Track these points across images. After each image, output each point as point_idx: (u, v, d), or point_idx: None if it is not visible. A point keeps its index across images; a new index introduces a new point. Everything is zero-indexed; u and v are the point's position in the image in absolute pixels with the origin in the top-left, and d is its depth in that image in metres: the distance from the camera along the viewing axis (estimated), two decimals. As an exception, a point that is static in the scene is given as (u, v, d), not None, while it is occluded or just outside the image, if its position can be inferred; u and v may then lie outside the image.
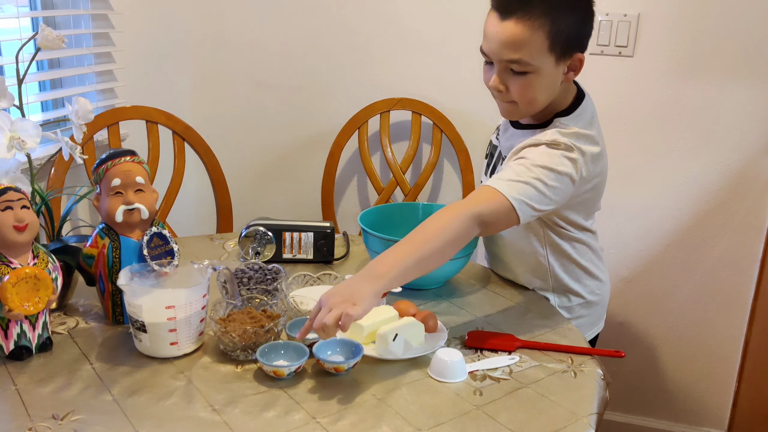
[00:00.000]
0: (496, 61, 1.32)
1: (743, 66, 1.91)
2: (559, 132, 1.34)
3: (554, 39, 1.28)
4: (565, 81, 1.36)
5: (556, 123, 1.37)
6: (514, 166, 1.30)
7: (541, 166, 1.28)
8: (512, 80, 1.32)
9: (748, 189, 1.99)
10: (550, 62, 1.30)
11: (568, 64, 1.33)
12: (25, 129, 1.26)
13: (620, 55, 1.99)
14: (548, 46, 1.28)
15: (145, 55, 2.19)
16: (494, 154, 1.54)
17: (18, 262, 1.13)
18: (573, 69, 1.35)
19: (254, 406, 1.06)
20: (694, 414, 2.22)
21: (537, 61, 1.28)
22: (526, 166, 1.29)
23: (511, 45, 1.28)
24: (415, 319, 1.24)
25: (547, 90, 1.34)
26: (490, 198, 1.25)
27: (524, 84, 1.31)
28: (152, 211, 1.26)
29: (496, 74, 1.33)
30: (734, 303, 2.09)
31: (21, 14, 1.79)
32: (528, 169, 1.28)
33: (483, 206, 1.24)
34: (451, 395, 1.10)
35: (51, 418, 1.01)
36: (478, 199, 1.26)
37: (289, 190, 2.45)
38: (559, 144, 1.31)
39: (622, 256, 2.14)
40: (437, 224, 1.23)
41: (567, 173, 1.30)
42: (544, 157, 1.30)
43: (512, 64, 1.30)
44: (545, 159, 1.30)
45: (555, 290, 1.52)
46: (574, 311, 1.54)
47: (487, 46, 1.32)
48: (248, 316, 1.20)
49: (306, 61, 2.29)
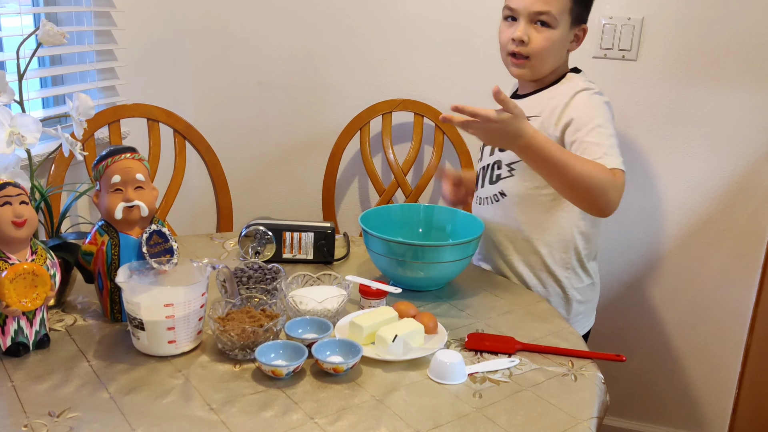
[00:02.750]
0: (524, 14, 1.47)
1: (747, 71, 1.91)
2: (579, 80, 1.52)
3: (574, 4, 1.48)
4: (570, 49, 1.54)
5: (568, 76, 1.54)
6: (595, 138, 1.41)
7: (602, 123, 1.44)
8: (534, 33, 1.48)
9: (750, 195, 1.98)
10: (566, 24, 1.49)
11: (575, 32, 1.51)
12: (25, 124, 1.25)
13: (624, 59, 1.99)
14: (570, 8, 1.48)
15: (147, 53, 2.19)
16: None
17: (16, 258, 1.13)
18: (577, 39, 1.53)
19: (252, 405, 1.05)
20: (694, 420, 2.21)
21: (560, 18, 1.47)
22: (598, 132, 1.42)
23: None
24: (415, 321, 1.23)
25: (558, 52, 1.51)
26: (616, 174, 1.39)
27: (546, 37, 1.47)
28: (152, 209, 1.26)
29: (523, 25, 1.48)
30: (735, 309, 2.08)
31: (23, 11, 1.79)
32: (601, 134, 1.42)
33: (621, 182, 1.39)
34: (451, 397, 1.10)
35: (47, 415, 1.00)
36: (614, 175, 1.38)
37: (290, 190, 2.44)
38: (591, 87, 1.49)
39: (623, 260, 2.14)
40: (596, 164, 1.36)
41: (612, 117, 1.48)
42: (596, 109, 1.46)
43: (540, 16, 1.46)
44: (597, 111, 1.46)
45: (572, 267, 1.57)
46: (585, 293, 1.60)
47: (516, 2, 1.48)
48: (247, 316, 1.20)
49: (308, 61, 2.29)
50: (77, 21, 1.98)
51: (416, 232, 1.63)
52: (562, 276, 1.58)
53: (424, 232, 1.63)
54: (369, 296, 1.34)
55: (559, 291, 1.59)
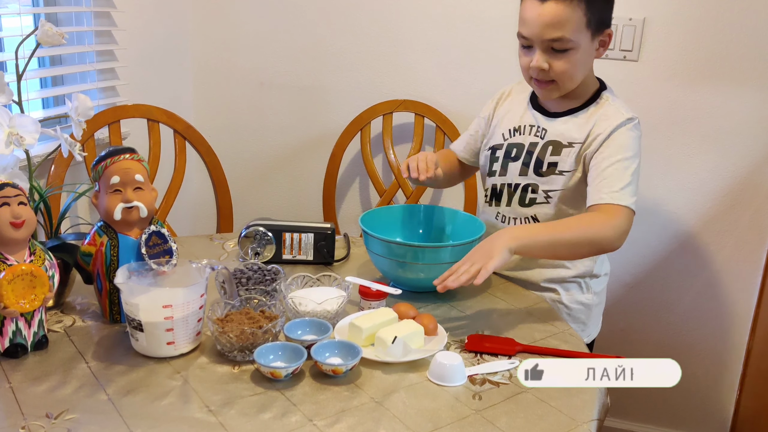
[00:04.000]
0: (538, 42, 1.41)
1: (749, 71, 1.90)
2: (619, 105, 1.49)
3: (591, 15, 1.39)
4: (597, 56, 1.47)
5: (604, 97, 1.51)
6: (615, 172, 1.41)
7: (630, 157, 1.43)
8: (554, 59, 1.42)
9: (752, 195, 1.98)
10: (587, 38, 1.41)
11: (600, 39, 1.44)
12: (23, 125, 1.25)
13: (625, 59, 1.98)
14: (586, 22, 1.39)
15: (147, 53, 2.19)
16: (531, 151, 1.54)
17: (14, 259, 1.12)
18: (603, 45, 1.46)
19: (251, 407, 1.05)
20: (696, 421, 2.20)
21: (577, 37, 1.39)
22: (622, 166, 1.41)
23: (554, 24, 1.38)
24: (415, 322, 1.23)
25: (584, 65, 1.46)
26: (618, 213, 1.38)
27: (566, 61, 1.42)
28: (151, 210, 1.25)
29: (539, 54, 1.42)
30: (737, 309, 2.08)
31: (23, 11, 1.78)
32: (625, 169, 1.41)
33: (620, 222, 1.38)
34: (450, 399, 1.09)
35: (45, 416, 1.00)
36: (611, 216, 1.38)
37: (290, 190, 2.44)
38: (634, 118, 1.46)
39: (625, 261, 2.13)
40: (580, 221, 1.40)
41: (640, 151, 1.47)
42: (629, 143, 1.44)
43: (554, 42, 1.39)
44: (630, 146, 1.44)
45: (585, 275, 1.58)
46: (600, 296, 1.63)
47: (527, 30, 1.41)
48: (246, 317, 1.19)
49: (309, 62, 2.29)
50: (77, 21, 1.98)
51: (416, 233, 1.62)
52: (575, 289, 1.59)
53: (424, 233, 1.63)
54: (369, 297, 1.33)
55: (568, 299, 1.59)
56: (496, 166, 1.59)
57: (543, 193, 1.52)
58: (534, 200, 1.53)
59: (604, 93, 1.51)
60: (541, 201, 1.53)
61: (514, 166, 1.56)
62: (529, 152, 1.54)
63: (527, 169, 1.54)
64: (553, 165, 1.51)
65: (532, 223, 1.53)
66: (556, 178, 1.51)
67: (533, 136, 1.55)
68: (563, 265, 1.56)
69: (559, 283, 1.57)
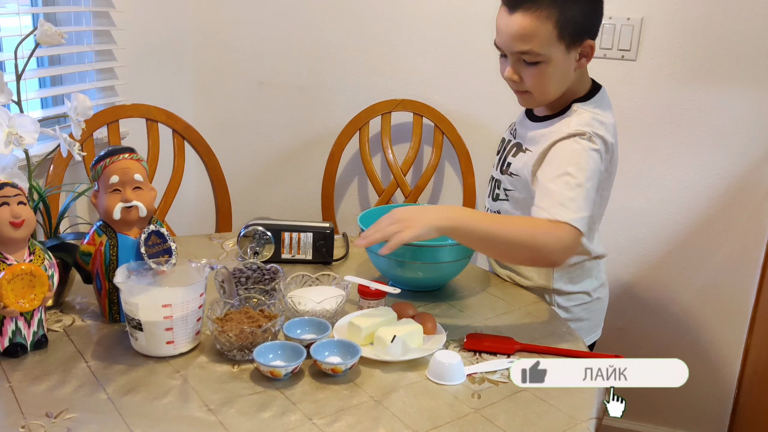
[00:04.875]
0: (508, 53, 1.37)
1: (747, 71, 1.90)
2: (578, 118, 1.37)
3: (563, 28, 1.31)
4: (578, 68, 1.39)
5: (573, 108, 1.40)
6: (557, 187, 1.29)
7: (574, 172, 1.29)
8: (525, 71, 1.36)
9: (749, 195, 1.98)
10: (560, 51, 1.33)
11: (579, 51, 1.36)
12: (23, 125, 1.25)
13: (623, 59, 1.98)
14: (557, 35, 1.31)
15: (146, 53, 2.19)
16: (505, 147, 1.54)
17: (14, 259, 1.12)
18: (585, 56, 1.37)
19: (250, 406, 1.05)
20: (694, 420, 2.21)
21: (547, 51, 1.32)
22: (564, 180, 1.29)
23: (521, 37, 1.32)
24: (414, 321, 1.23)
25: (561, 78, 1.38)
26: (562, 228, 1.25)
27: (537, 73, 1.35)
28: (150, 209, 1.25)
29: (510, 66, 1.38)
30: (734, 309, 2.08)
31: (22, 11, 1.78)
32: (566, 183, 1.29)
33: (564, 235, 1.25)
34: (449, 398, 1.10)
35: (45, 416, 1.00)
36: (557, 228, 1.25)
37: (289, 190, 2.44)
38: (583, 133, 1.33)
39: (623, 261, 2.13)
40: (526, 222, 1.30)
41: (597, 167, 1.33)
42: (573, 158, 1.32)
43: (523, 55, 1.34)
44: (574, 160, 1.31)
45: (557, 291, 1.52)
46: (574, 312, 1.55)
47: (499, 39, 1.38)
48: (245, 316, 1.20)
49: (308, 61, 2.29)
50: (76, 21, 1.98)
51: (415, 233, 1.62)
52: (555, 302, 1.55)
53: (423, 232, 1.62)
54: (368, 297, 1.34)
55: None
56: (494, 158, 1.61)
57: (503, 191, 1.51)
58: (498, 196, 1.53)
59: (576, 104, 1.40)
60: (503, 198, 1.51)
61: (495, 159, 1.58)
62: (504, 148, 1.55)
63: (499, 164, 1.54)
64: (508, 165, 1.49)
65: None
66: (509, 179, 1.48)
67: (509, 133, 1.56)
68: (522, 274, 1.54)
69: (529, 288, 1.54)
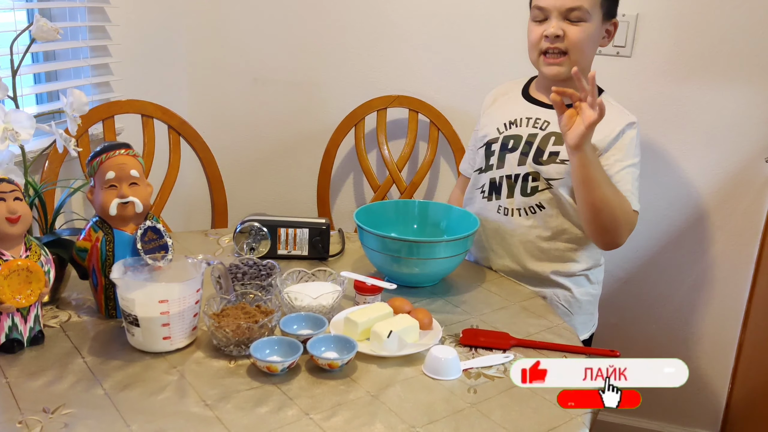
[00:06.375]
0: (555, 12, 1.48)
1: (741, 67, 1.91)
2: (622, 108, 1.57)
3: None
4: (601, 45, 1.55)
5: (605, 98, 1.45)
6: (625, 176, 1.49)
7: (636, 164, 1.52)
8: (569, 28, 1.48)
9: (744, 191, 1.99)
10: (599, 17, 1.50)
11: (606, 27, 1.53)
12: (18, 120, 1.25)
13: (618, 55, 1.99)
14: (601, 1, 1.49)
15: (141, 48, 2.18)
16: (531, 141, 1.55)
17: (10, 255, 1.12)
18: (608, 34, 1.55)
19: (247, 401, 1.05)
20: (687, 415, 2.22)
21: (592, 11, 1.48)
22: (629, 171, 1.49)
23: None
24: (410, 317, 1.23)
25: (594, 44, 1.53)
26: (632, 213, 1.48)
27: (580, 30, 1.48)
28: (146, 205, 1.25)
29: (555, 22, 1.48)
30: (729, 305, 2.09)
31: (17, 6, 1.78)
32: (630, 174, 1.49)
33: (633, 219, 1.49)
34: (445, 393, 1.10)
35: (41, 411, 1.00)
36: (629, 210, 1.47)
37: (285, 186, 2.44)
38: (634, 121, 1.53)
39: (618, 256, 2.14)
40: (620, 194, 1.45)
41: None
42: (634, 150, 1.52)
43: (571, 12, 1.47)
44: (636, 152, 1.52)
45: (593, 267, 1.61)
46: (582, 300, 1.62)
47: (545, 1, 1.49)
48: (242, 312, 1.20)
49: (303, 57, 2.29)
50: (71, 17, 1.98)
51: (411, 229, 1.63)
52: (584, 282, 1.62)
53: (418, 228, 1.63)
54: (364, 292, 1.34)
55: (568, 294, 1.60)
56: (493, 159, 1.60)
57: (544, 181, 1.53)
58: (536, 188, 1.54)
59: (603, 94, 1.54)
60: (543, 188, 1.54)
61: (511, 157, 1.57)
62: (528, 143, 1.55)
63: (526, 158, 1.55)
64: (554, 154, 1.52)
65: (543, 207, 1.55)
66: (557, 167, 1.52)
67: (532, 127, 1.56)
68: (573, 260, 1.58)
69: (569, 277, 1.58)
